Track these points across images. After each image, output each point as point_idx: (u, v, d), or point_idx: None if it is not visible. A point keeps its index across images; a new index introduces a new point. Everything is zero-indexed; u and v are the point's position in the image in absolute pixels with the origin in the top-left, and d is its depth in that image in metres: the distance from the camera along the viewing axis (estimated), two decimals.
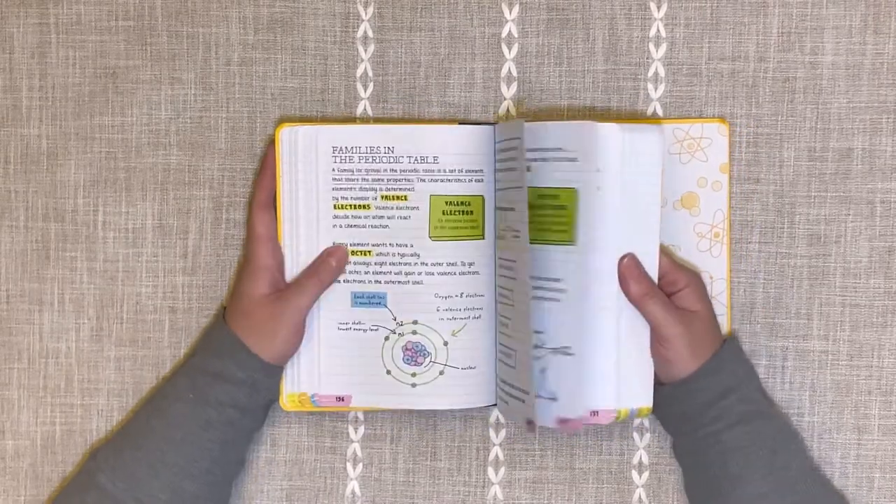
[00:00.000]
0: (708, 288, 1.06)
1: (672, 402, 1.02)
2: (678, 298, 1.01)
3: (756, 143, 1.07)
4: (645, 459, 1.08)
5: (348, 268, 1.05)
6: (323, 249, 1.06)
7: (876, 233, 1.06)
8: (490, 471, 1.09)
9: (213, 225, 1.09)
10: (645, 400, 1.02)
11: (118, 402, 1.10)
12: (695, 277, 1.03)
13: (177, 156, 1.09)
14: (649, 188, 0.99)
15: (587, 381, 1.00)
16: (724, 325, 1.06)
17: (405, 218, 1.05)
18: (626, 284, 0.99)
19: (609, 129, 0.98)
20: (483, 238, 1.05)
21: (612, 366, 1.00)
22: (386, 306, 1.05)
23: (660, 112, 1.07)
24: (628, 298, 0.99)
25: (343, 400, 1.06)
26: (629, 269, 0.99)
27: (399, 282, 1.05)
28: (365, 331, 1.06)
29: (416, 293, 1.05)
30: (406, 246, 1.05)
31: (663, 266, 1.01)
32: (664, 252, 1.02)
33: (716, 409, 1.00)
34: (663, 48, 1.07)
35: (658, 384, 1.02)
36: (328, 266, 1.05)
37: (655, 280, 1.00)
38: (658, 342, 1.00)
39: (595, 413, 1.00)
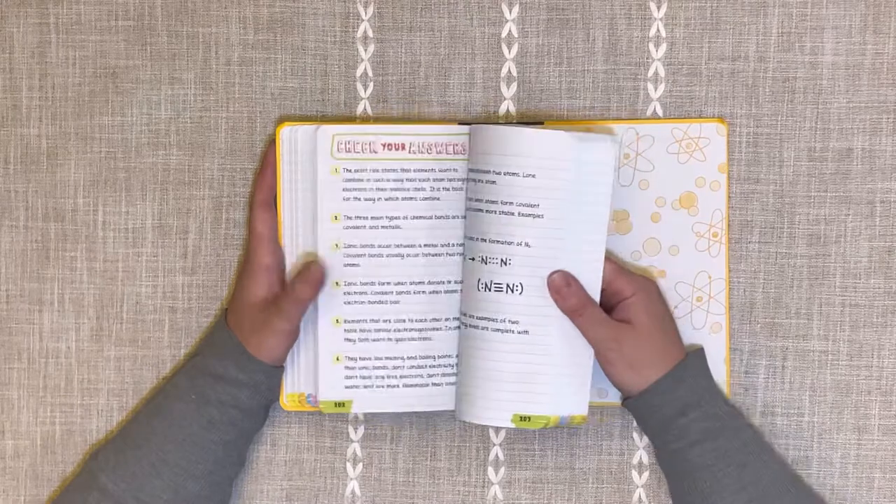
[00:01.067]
0: (707, 288, 1.06)
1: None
2: (623, 308, 1.01)
3: (756, 143, 1.07)
4: (645, 459, 1.08)
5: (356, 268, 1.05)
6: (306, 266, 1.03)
7: (876, 233, 1.06)
8: (490, 471, 1.09)
9: (213, 225, 1.09)
10: (578, 408, 1.01)
11: (118, 402, 1.10)
12: (645, 285, 1.02)
13: (177, 156, 1.09)
14: (598, 197, 0.99)
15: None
16: (724, 325, 1.06)
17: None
18: (554, 300, 0.99)
19: (559, 137, 0.98)
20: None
21: (551, 372, 1.00)
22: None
23: (660, 112, 1.07)
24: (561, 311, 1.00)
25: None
26: (554, 284, 0.99)
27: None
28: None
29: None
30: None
31: (608, 275, 1.01)
32: (611, 260, 1.02)
33: (676, 427, 1.00)
34: (663, 48, 1.07)
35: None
36: (305, 289, 1.01)
37: (598, 289, 1.00)
38: (596, 357, 1.01)
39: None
